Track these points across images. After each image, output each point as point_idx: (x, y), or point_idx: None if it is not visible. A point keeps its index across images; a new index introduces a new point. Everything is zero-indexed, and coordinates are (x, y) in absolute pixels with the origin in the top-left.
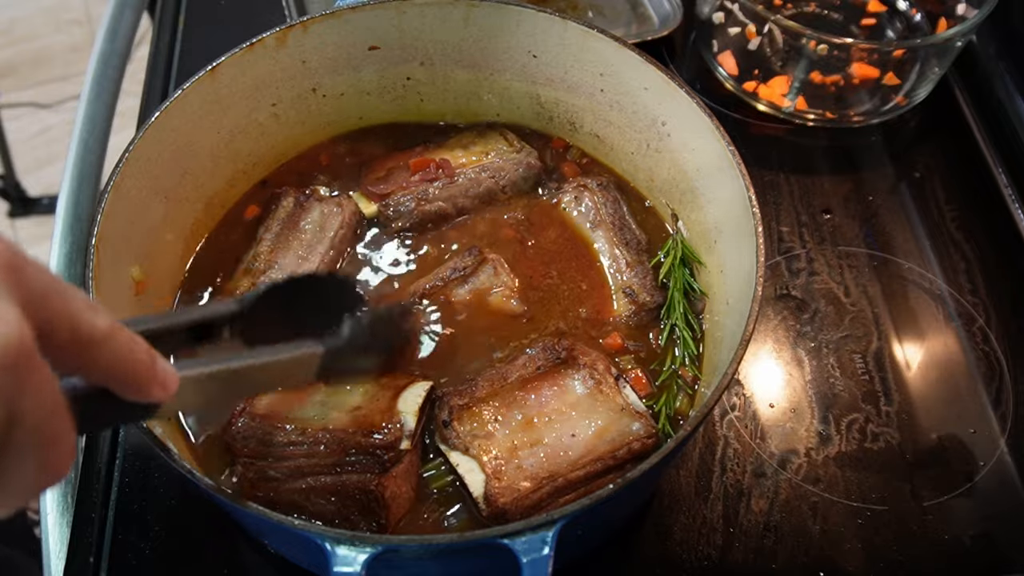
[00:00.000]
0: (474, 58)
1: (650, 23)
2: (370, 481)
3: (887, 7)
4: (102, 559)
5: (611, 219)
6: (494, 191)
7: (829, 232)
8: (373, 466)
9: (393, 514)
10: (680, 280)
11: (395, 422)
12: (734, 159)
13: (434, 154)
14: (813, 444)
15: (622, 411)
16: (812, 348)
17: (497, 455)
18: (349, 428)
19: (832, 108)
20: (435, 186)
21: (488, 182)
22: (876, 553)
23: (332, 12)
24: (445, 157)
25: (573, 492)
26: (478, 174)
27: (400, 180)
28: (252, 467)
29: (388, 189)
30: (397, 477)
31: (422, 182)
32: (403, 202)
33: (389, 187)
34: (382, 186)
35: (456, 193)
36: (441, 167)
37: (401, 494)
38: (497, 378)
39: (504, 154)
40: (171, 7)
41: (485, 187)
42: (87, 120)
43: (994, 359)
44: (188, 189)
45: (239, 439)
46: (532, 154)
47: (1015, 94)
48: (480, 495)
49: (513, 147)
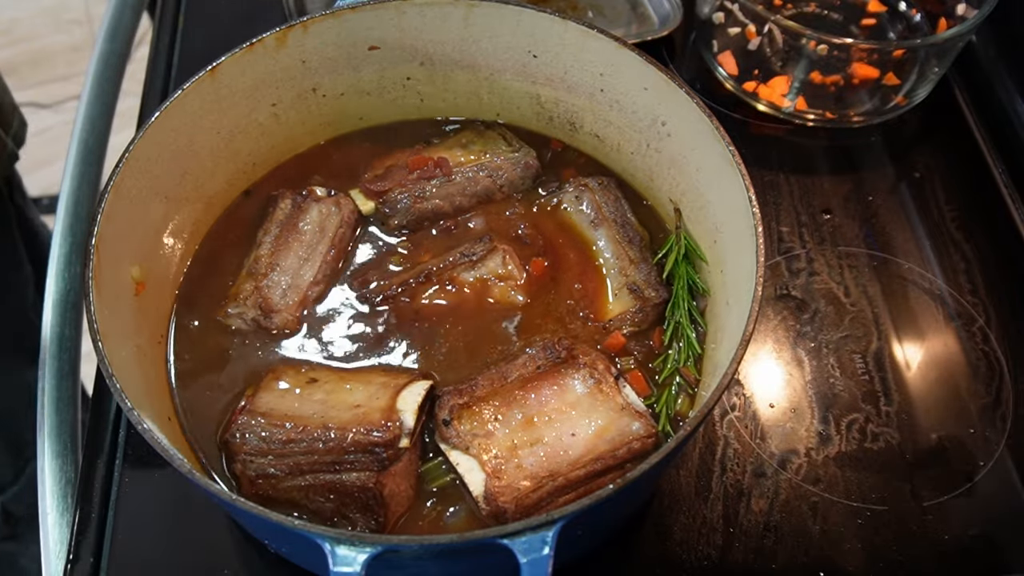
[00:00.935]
0: (474, 58)
1: (650, 23)
2: (369, 479)
3: (887, 7)
4: (102, 559)
5: (613, 217)
6: (491, 190)
7: (829, 232)
8: (372, 464)
9: (392, 512)
10: (684, 277)
11: (394, 420)
12: (734, 159)
13: (433, 153)
14: (813, 444)
15: (622, 410)
16: (812, 348)
17: (497, 454)
18: (348, 426)
19: (832, 108)
20: (432, 184)
21: (485, 181)
22: (876, 553)
23: (332, 12)
24: (443, 156)
25: (573, 491)
26: (476, 173)
27: (398, 178)
28: (251, 464)
29: (386, 186)
30: (396, 475)
31: (419, 180)
32: (400, 199)
33: (387, 184)
34: (380, 183)
35: (453, 191)
36: (439, 165)
37: (400, 492)
38: (497, 377)
39: (502, 153)
40: (171, 7)
41: (483, 186)
42: (87, 120)
43: (994, 359)
44: (188, 189)
45: (239, 437)
46: (530, 154)
47: (1015, 94)
48: (480, 494)
49: (512, 146)
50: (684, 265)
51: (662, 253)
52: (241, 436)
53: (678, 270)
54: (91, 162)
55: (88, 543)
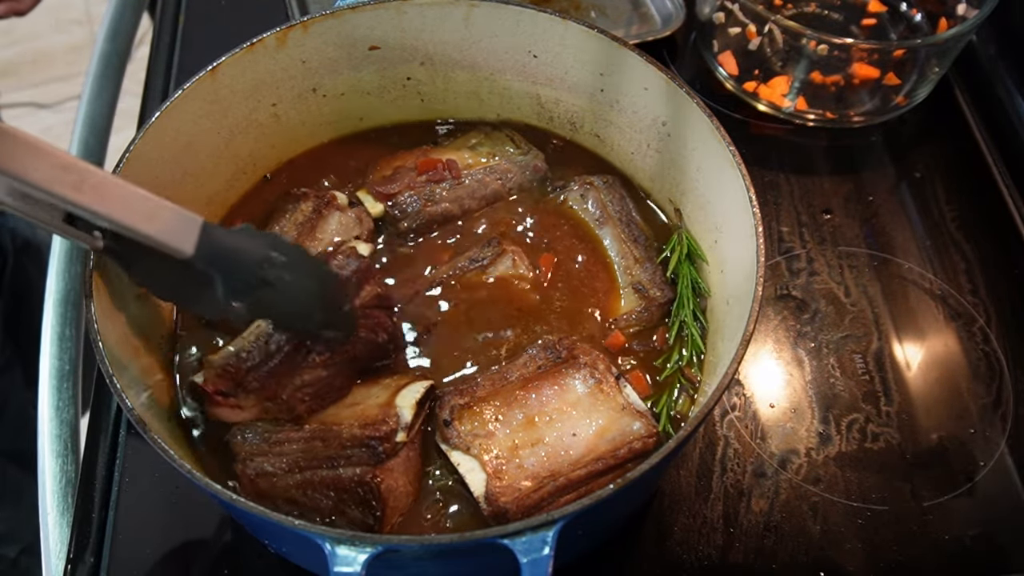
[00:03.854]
0: (474, 58)
1: (652, 23)
2: (365, 473)
3: (887, 7)
4: (102, 559)
5: (618, 216)
6: (500, 193)
7: (829, 232)
8: (369, 458)
9: (391, 508)
10: (688, 276)
11: (391, 415)
12: (734, 159)
13: (441, 154)
14: (813, 444)
15: (623, 410)
16: (812, 348)
17: (498, 454)
18: (345, 422)
19: (832, 108)
20: (442, 187)
21: (495, 184)
22: (876, 553)
23: (332, 12)
24: (452, 158)
25: (574, 491)
26: (484, 176)
27: (406, 180)
28: (251, 463)
29: (395, 189)
30: (394, 471)
31: (428, 183)
32: (410, 202)
33: (396, 187)
34: (388, 186)
35: (463, 195)
36: (448, 168)
37: (399, 488)
38: (498, 377)
39: (510, 156)
40: (171, 7)
41: (491, 189)
42: (87, 120)
43: (994, 359)
44: (188, 189)
45: (239, 436)
46: (539, 156)
47: (1015, 94)
48: (481, 494)
49: (520, 149)
50: (687, 265)
51: (665, 252)
52: (242, 435)
53: (681, 269)
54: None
55: (88, 543)
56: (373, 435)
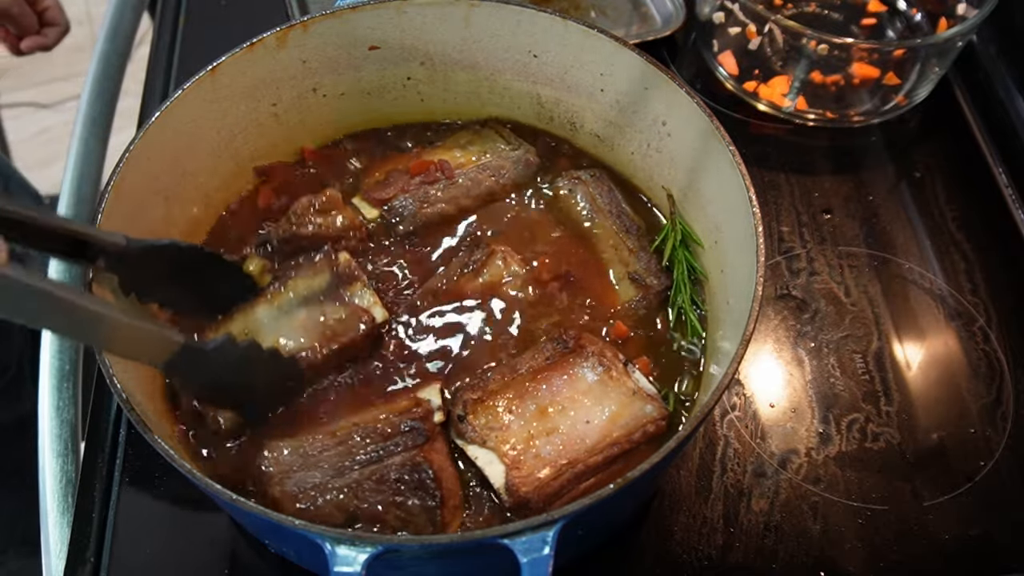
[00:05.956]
0: (474, 58)
1: (652, 22)
2: (416, 455)
3: (887, 7)
4: (102, 559)
5: (608, 208)
6: (495, 190)
7: (829, 232)
8: (413, 441)
9: (447, 489)
10: (683, 263)
11: (422, 402)
12: (734, 159)
13: (432, 155)
14: (813, 444)
15: (634, 395)
16: (812, 348)
17: (515, 445)
18: (377, 419)
19: (832, 108)
20: (436, 188)
21: (489, 181)
22: (876, 553)
23: (332, 12)
24: (444, 158)
25: (593, 477)
26: (478, 174)
27: (400, 183)
28: (289, 481)
29: (389, 193)
30: (439, 452)
31: (423, 185)
32: (405, 206)
33: (390, 191)
34: (382, 190)
35: (458, 194)
36: (441, 169)
37: (448, 469)
38: (507, 371)
39: (502, 152)
40: (171, 7)
41: (486, 187)
42: (87, 120)
43: (994, 359)
44: (188, 189)
45: (271, 455)
46: (530, 151)
47: (1015, 94)
48: (501, 486)
49: (511, 144)
50: (682, 250)
51: (659, 240)
52: (273, 455)
53: (677, 255)
54: (91, 162)
55: (88, 543)
56: (413, 417)
